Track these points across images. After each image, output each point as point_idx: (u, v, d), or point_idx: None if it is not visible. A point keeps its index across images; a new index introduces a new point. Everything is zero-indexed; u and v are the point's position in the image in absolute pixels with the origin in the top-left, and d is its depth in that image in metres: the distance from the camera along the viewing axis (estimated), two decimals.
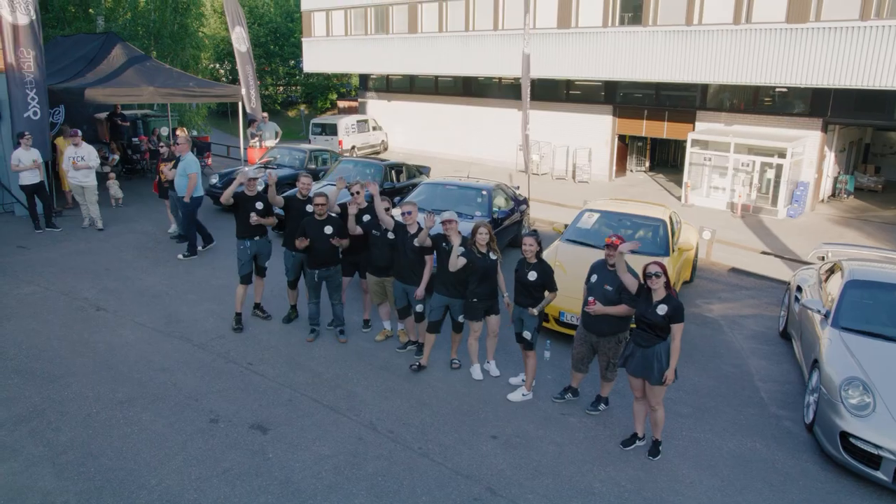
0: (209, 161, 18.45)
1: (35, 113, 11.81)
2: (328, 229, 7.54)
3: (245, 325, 8.29)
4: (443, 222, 6.92)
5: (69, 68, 14.04)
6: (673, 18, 19.74)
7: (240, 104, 16.56)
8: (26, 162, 11.37)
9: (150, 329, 8.13)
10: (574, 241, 9.33)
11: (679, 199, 20.90)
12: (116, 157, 15.62)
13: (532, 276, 6.50)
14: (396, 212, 7.93)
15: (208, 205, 14.62)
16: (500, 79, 26.39)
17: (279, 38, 39.23)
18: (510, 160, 26.00)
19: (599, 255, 7.46)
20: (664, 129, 22.66)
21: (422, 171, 15.27)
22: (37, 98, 11.80)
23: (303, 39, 31.43)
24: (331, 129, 27.05)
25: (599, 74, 21.76)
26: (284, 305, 8.83)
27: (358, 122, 28.38)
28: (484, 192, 11.03)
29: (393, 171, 13.57)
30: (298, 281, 8.32)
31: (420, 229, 7.31)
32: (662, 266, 5.64)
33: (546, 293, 6.59)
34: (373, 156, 28.56)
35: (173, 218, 12.38)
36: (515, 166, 25.65)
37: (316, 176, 14.88)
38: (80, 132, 11.96)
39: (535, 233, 6.62)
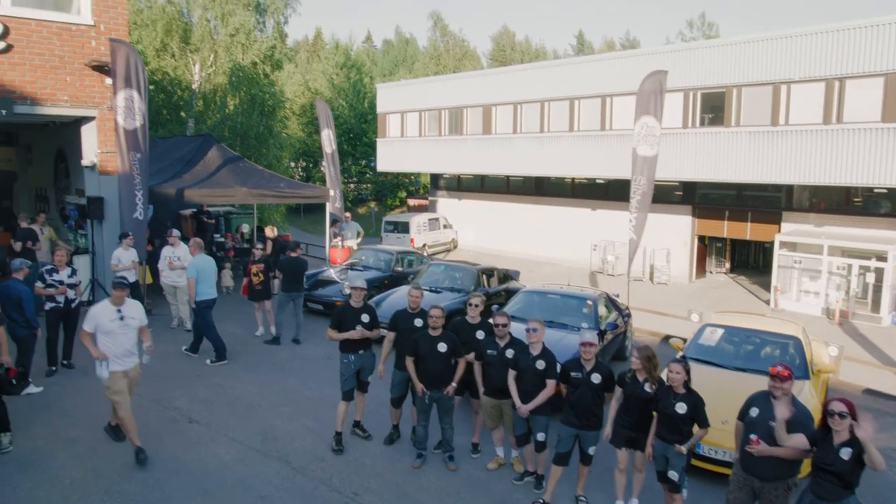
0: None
1: (139, 214, 11.99)
2: (442, 347, 7.02)
3: (345, 445, 7.69)
4: (582, 344, 6.34)
5: (168, 169, 14.42)
6: (757, 119, 19.37)
7: (327, 206, 16.68)
8: (126, 262, 11.42)
9: (246, 447, 7.62)
10: (699, 360, 8.54)
11: (767, 303, 19.83)
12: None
13: (681, 408, 5.79)
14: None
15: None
16: (573, 178, 26.27)
17: (353, 139, 40.60)
18: (583, 260, 25.44)
19: (732, 377, 6.71)
20: (747, 231, 21.85)
21: (511, 275, 14.80)
22: (141, 199, 12.01)
23: (377, 140, 32.24)
24: (403, 227, 27.22)
25: (680, 175, 21.37)
26: (383, 422, 8.22)
27: (429, 220, 28.51)
28: (589, 303, 10.41)
29: (485, 276, 13.14)
30: (404, 399, 7.75)
31: (545, 349, 6.73)
32: (850, 404, 4.87)
33: (696, 428, 5.85)
34: (436, 252, 28.42)
35: (261, 320, 12.16)
36: (590, 266, 25.06)
37: (404, 279, 14.57)
38: (177, 232, 12.03)
39: (683, 360, 5.94)
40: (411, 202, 37.48)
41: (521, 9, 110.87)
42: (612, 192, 25.05)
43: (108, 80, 12.18)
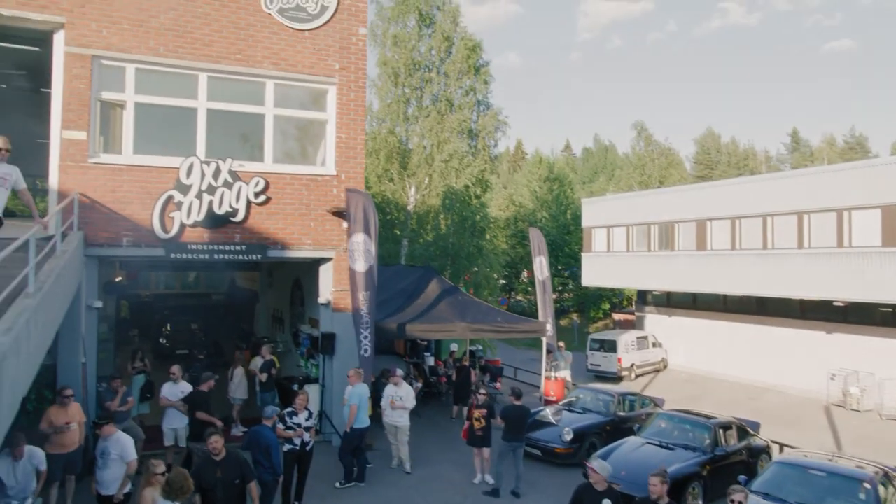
0: (499, 386, 18.25)
1: (366, 350, 12.49)
2: None
3: None
4: None
5: (391, 301, 15.03)
6: None
7: (544, 340, 16.47)
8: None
9: None
10: None
11: None
12: (420, 385, 16.00)
13: None
14: None
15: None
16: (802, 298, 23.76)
17: (555, 250, 40.68)
18: (817, 390, 22.49)
19: None
20: None
21: (751, 428, 13.09)
22: (368, 337, 12.53)
23: (582, 254, 31.90)
24: (610, 346, 26.19)
25: None
26: None
27: (637, 338, 27.17)
28: (866, 485, 8.71)
29: (723, 433, 11.73)
30: None
31: None
32: None
33: None
34: (644, 373, 26.76)
35: (479, 467, 11.78)
36: (826, 398, 22.04)
37: (625, 424, 13.59)
38: (401, 372, 12.30)
39: None
40: (616, 316, 36.23)
41: (726, 108, 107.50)
42: (853, 314, 22.23)
43: (345, 224, 13.13)
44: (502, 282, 42.80)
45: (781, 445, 13.85)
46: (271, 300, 20.46)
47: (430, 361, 19.21)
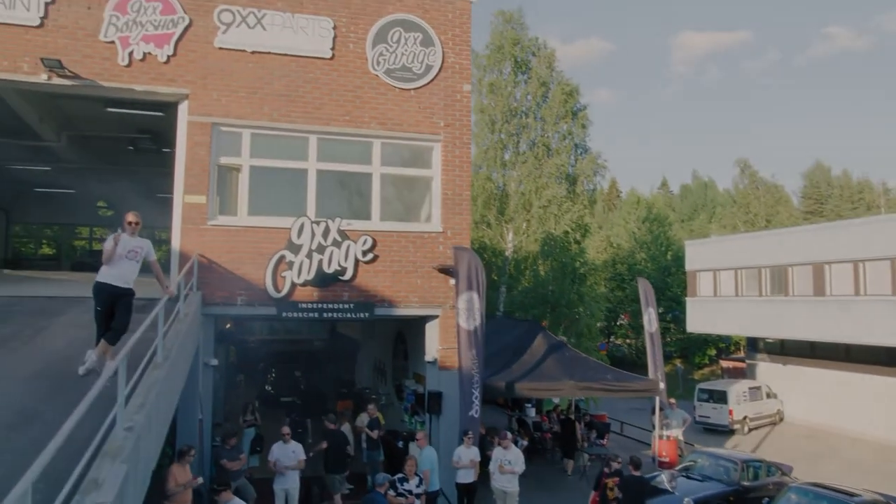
0: (605, 442, 17.47)
1: (476, 411, 12.20)
2: None
3: None
4: None
5: (497, 357, 14.69)
6: None
7: (657, 400, 15.72)
8: (465, 461, 11.51)
9: None
10: None
11: None
12: (525, 442, 15.53)
13: None
14: None
15: None
16: None
17: (655, 293, 39.29)
18: None
19: None
20: None
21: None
22: (478, 396, 12.25)
23: (687, 299, 30.58)
24: (720, 397, 24.75)
25: None
26: None
27: (750, 388, 25.54)
28: None
29: None
30: None
31: None
32: None
33: None
34: (758, 426, 25.00)
35: None
36: None
37: (749, 493, 12.61)
38: (510, 435, 11.93)
39: None
40: (724, 364, 34.35)
41: (836, 139, 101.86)
42: None
43: (452, 281, 13.00)
44: (600, 324, 41.65)
45: None
46: (373, 350, 20.54)
47: (532, 413, 18.70)
